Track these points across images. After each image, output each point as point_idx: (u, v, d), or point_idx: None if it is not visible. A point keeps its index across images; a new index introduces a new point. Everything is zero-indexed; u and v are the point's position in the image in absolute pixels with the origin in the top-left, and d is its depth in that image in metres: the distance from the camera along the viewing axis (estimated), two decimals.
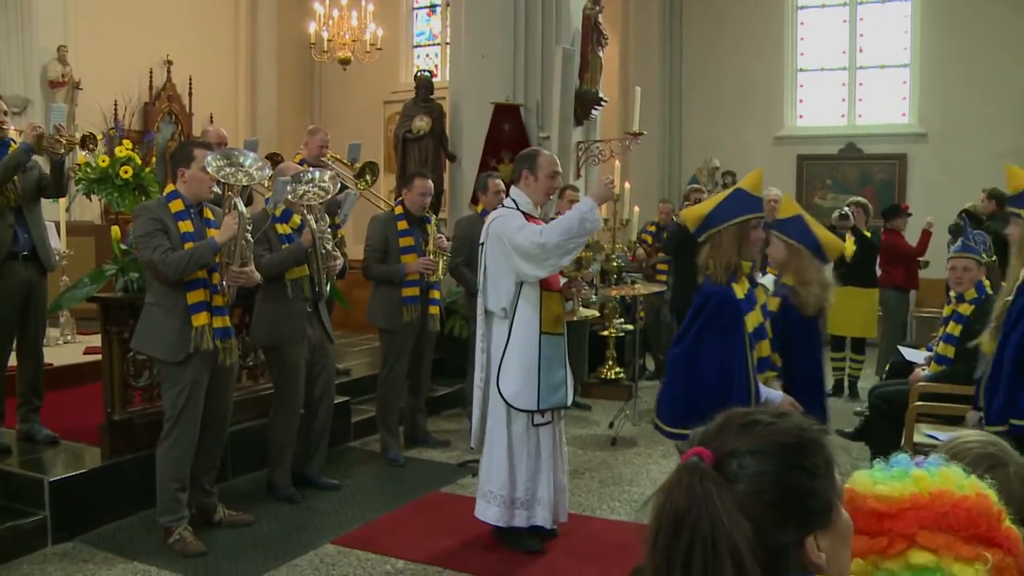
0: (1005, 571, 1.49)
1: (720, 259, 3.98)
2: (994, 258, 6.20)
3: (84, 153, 6.70)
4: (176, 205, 4.62)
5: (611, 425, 7.34)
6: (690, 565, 1.17)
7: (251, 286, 4.90)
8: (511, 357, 4.61)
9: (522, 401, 4.61)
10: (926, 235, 8.97)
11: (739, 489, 1.21)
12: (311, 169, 5.53)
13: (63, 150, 5.28)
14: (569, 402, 4.87)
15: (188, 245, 4.53)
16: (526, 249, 4.51)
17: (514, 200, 4.77)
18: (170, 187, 4.72)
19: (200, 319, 4.58)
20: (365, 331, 8.61)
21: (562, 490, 4.86)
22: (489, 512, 4.70)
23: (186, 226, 4.60)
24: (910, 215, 9.26)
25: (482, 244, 4.76)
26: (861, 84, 13.23)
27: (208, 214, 4.77)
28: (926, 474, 1.54)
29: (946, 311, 5.74)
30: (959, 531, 1.47)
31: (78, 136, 5.53)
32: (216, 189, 4.77)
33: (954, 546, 1.44)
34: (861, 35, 13.18)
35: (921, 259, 9.05)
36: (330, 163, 7.17)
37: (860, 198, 9.04)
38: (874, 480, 1.55)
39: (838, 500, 1.29)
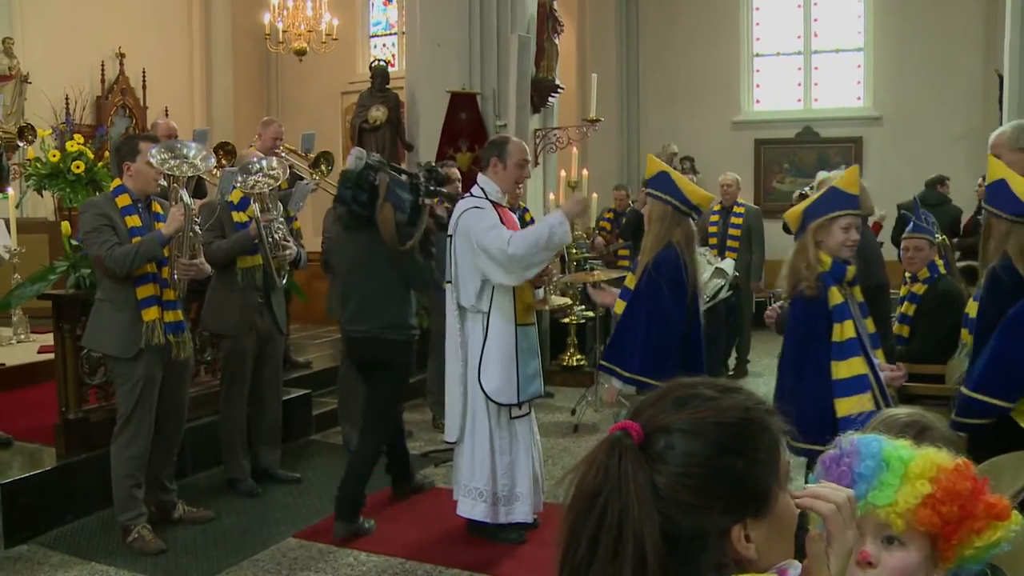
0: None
1: None
2: (943, 237, 6.29)
3: (22, 144, 6.58)
4: (123, 200, 4.57)
5: (573, 412, 7.36)
6: (596, 545, 1.12)
7: (201, 278, 4.86)
8: (491, 352, 4.56)
9: (504, 396, 4.58)
10: (876, 227, 9.07)
11: (662, 471, 1.13)
12: (261, 158, 5.50)
13: None
14: (543, 391, 4.86)
15: (136, 240, 4.48)
16: (493, 254, 4.44)
17: (482, 189, 4.70)
18: (116, 182, 4.67)
19: (150, 314, 4.53)
20: (325, 324, 8.57)
21: (537, 480, 4.82)
22: (476, 510, 4.65)
23: (133, 221, 4.55)
24: None
25: (450, 236, 4.67)
26: (816, 68, 13.34)
27: (157, 208, 4.72)
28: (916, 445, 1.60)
29: (903, 291, 5.80)
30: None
31: (7, 125, 5.45)
32: (163, 182, 4.72)
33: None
34: (815, 20, 13.28)
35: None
36: (284, 155, 7.11)
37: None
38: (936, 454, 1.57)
39: (779, 487, 1.19)
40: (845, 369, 3.73)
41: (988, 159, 4.04)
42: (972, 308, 4.05)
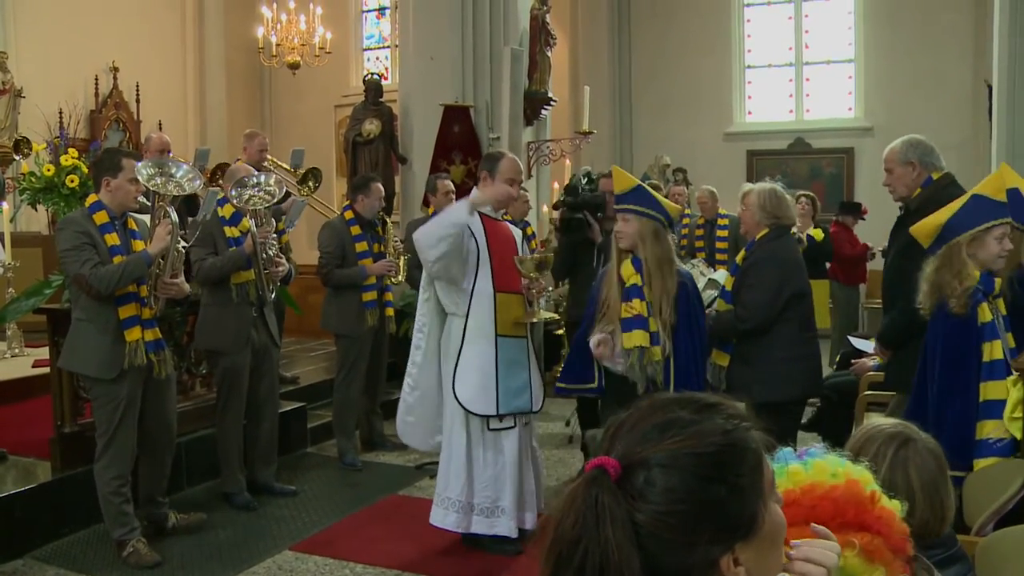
0: (875, 552, 1.53)
1: None
2: None
3: (18, 158, 6.58)
4: (101, 217, 4.49)
5: (567, 423, 7.37)
6: None
7: (180, 297, 4.81)
8: (466, 361, 4.56)
9: (478, 406, 4.55)
10: (865, 249, 9.16)
11: (642, 509, 1.10)
12: (257, 173, 5.51)
13: None
14: (536, 407, 4.78)
15: (117, 259, 4.43)
16: (418, 244, 4.56)
17: None
18: (92, 197, 4.59)
19: (133, 334, 4.49)
20: (319, 336, 8.58)
21: (530, 494, 4.78)
22: (448, 519, 4.64)
23: (112, 239, 4.49)
24: (863, 218, 9.43)
25: None
26: (808, 80, 13.42)
27: (132, 225, 4.67)
28: (801, 468, 1.57)
29: None
30: (827, 521, 1.49)
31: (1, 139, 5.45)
32: (142, 199, 4.69)
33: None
34: (806, 31, 13.36)
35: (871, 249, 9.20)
36: (271, 168, 7.14)
37: (808, 192, 9.15)
38: None
39: (765, 504, 1.17)
40: (992, 391, 3.53)
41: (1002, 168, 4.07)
42: None
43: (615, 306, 4.19)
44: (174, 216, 4.50)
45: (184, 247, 4.73)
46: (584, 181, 5.91)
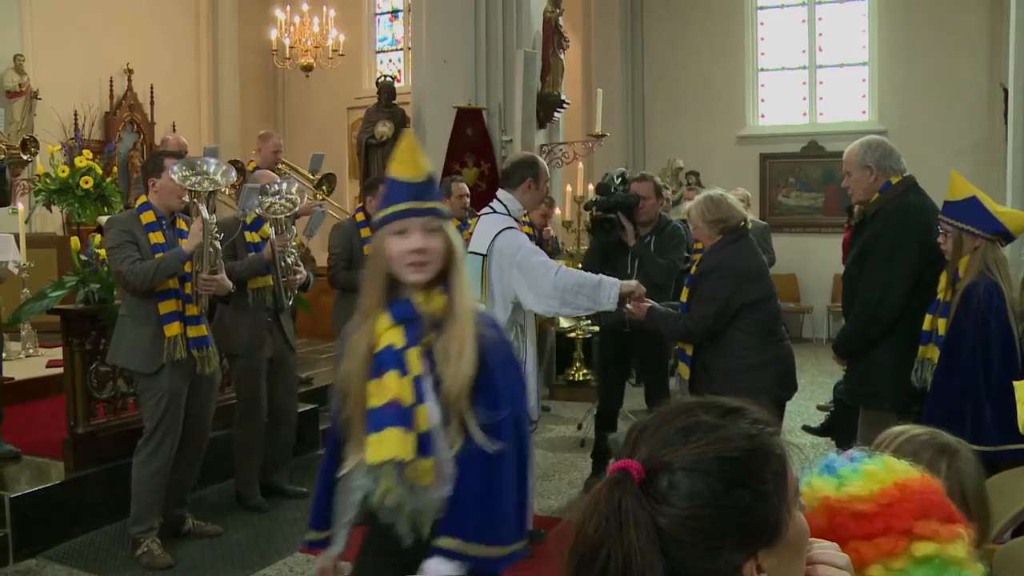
0: (970, 543, 1.50)
1: None
2: None
3: (25, 156, 6.61)
4: (147, 216, 4.61)
5: (579, 427, 7.36)
6: None
7: (222, 294, 4.84)
8: (528, 372, 4.49)
9: (534, 413, 4.58)
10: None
11: (666, 513, 1.09)
12: (280, 180, 5.53)
13: (1, 156, 5.27)
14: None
15: (159, 256, 4.51)
16: (537, 278, 4.33)
17: (504, 204, 4.63)
18: (142, 198, 4.71)
19: (172, 329, 4.55)
20: (332, 338, 8.57)
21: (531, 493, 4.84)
22: None
23: (157, 237, 4.59)
24: None
25: (483, 255, 4.53)
26: (821, 83, 13.37)
27: (181, 225, 4.75)
28: (876, 467, 1.54)
29: None
30: (937, 515, 1.47)
31: (17, 141, 5.50)
32: (186, 199, 4.74)
33: (942, 529, 1.44)
34: (820, 34, 13.32)
35: None
36: (286, 170, 7.15)
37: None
38: (839, 482, 1.52)
39: (789, 511, 1.15)
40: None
41: (951, 175, 4.06)
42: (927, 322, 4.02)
43: (358, 387, 2.26)
44: (205, 213, 4.53)
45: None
46: (617, 181, 5.85)
